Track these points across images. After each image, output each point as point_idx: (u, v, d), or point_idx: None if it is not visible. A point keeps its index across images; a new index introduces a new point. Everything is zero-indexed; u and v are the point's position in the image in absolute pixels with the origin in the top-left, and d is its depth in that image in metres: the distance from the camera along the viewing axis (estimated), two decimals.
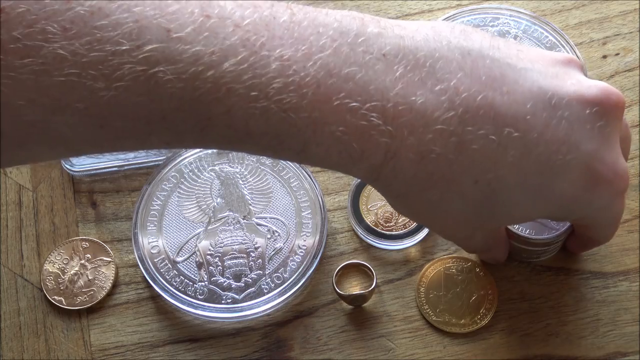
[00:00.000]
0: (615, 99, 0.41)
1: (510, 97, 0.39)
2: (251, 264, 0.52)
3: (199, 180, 0.55)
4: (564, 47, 0.58)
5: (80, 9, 0.32)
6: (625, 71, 0.58)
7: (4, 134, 0.33)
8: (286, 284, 0.51)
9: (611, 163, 0.41)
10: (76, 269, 0.53)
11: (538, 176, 0.40)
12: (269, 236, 0.53)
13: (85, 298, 0.52)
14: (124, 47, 0.32)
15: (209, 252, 0.52)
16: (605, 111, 0.40)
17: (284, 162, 0.55)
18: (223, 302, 0.51)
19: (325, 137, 0.36)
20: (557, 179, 0.40)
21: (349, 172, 0.40)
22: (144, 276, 0.52)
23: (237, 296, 0.51)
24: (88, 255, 0.53)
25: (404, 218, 0.53)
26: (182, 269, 0.52)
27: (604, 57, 0.59)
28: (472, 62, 0.38)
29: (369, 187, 0.54)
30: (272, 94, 0.35)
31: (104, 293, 0.52)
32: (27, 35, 0.31)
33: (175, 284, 0.51)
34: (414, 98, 0.37)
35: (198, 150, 0.55)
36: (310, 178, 0.54)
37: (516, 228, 0.49)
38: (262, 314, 0.51)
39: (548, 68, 0.41)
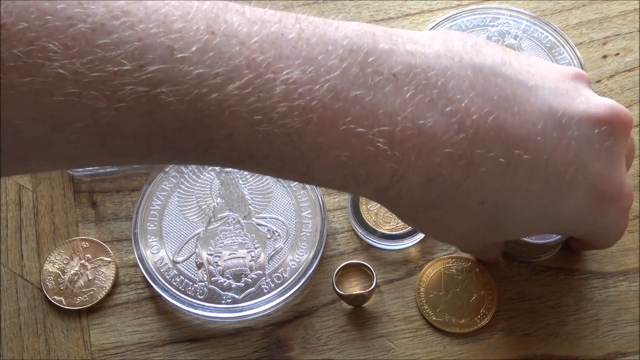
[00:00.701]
0: (624, 117, 0.41)
1: (521, 117, 0.38)
2: (251, 264, 0.52)
3: (199, 180, 0.55)
4: (564, 47, 0.58)
5: (82, 26, 0.31)
6: (625, 71, 0.58)
7: (3, 150, 0.32)
8: (286, 284, 0.51)
9: (617, 183, 0.41)
10: (76, 269, 0.53)
11: (545, 196, 0.40)
12: (269, 236, 0.53)
13: (85, 298, 0.52)
14: (126, 68, 0.31)
15: (209, 252, 0.52)
16: (613, 130, 0.40)
17: None
18: (223, 302, 0.51)
19: (330, 162, 0.36)
20: (564, 199, 0.40)
21: (353, 193, 0.39)
22: (144, 276, 0.52)
23: (237, 296, 0.51)
24: (88, 255, 0.53)
25: None
26: (182, 269, 0.52)
27: (604, 57, 0.59)
28: (484, 80, 0.38)
29: None
30: (276, 118, 0.34)
31: (104, 293, 0.52)
32: (27, 53, 0.30)
33: (175, 284, 0.51)
34: (422, 121, 0.36)
35: None
36: None
37: None
38: (262, 314, 0.51)
39: (558, 84, 0.40)
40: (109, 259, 0.53)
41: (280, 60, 0.34)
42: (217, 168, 0.55)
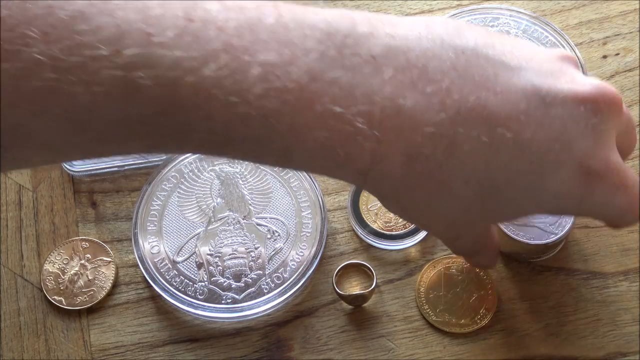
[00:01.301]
0: (610, 95, 0.40)
1: (504, 96, 0.38)
2: (251, 264, 0.52)
3: (199, 180, 0.55)
4: (564, 47, 0.58)
5: (62, 13, 0.32)
6: (625, 71, 0.58)
7: None
8: (286, 284, 0.51)
9: (604, 158, 0.41)
10: (76, 269, 0.53)
11: (530, 175, 0.40)
12: (269, 236, 0.53)
13: (85, 298, 0.52)
14: (103, 53, 0.32)
15: (209, 252, 0.52)
16: (599, 108, 0.40)
17: None
18: (223, 302, 0.51)
19: (308, 143, 0.36)
20: (549, 177, 0.40)
21: (333, 176, 0.39)
22: (144, 276, 0.52)
23: (237, 296, 0.51)
24: (88, 255, 0.53)
25: None
26: (182, 269, 0.52)
27: (604, 57, 0.59)
28: (465, 61, 0.38)
29: None
30: (253, 99, 0.34)
31: (104, 293, 0.52)
32: (6, 40, 0.31)
33: (175, 284, 0.51)
34: (402, 101, 0.36)
35: None
36: (310, 178, 0.54)
37: (515, 233, 0.49)
38: (262, 314, 0.51)
39: (543, 65, 0.40)
40: (109, 259, 0.53)
41: (257, 44, 0.34)
42: (217, 168, 0.55)
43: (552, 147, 0.39)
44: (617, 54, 0.59)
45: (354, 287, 0.52)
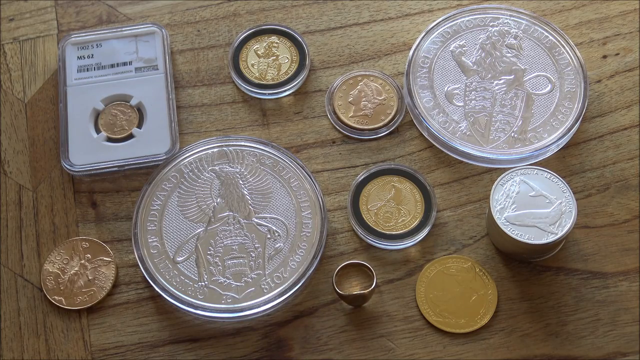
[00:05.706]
0: None
1: None
2: (251, 264, 0.52)
3: (199, 180, 0.55)
4: (564, 47, 0.58)
5: None
6: (625, 71, 0.58)
7: None
8: (286, 284, 0.51)
9: None
10: (76, 269, 0.53)
11: None
12: (269, 236, 0.53)
13: (85, 298, 0.52)
14: None
15: (209, 252, 0.52)
16: None
17: (284, 162, 0.55)
18: (223, 302, 0.51)
19: None
20: None
21: None
22: (144, 276, 0.52)
23: (237, 296, 0.51)
24: (88, 255, 0.53)
25: (404, 218, 0.53)
26: (182, 269, 0.52)
27: (604, 57, 0.59)
28: None
29: (369, 187, 0.54)
30: None
31: (104, 293, 0.52)
32: None
33: (175, 284, 0.51)
34: None
35: (198, 150, 0.55)
36: (311, 178, 0.54)
37: (515, 233, 0.49)
38: (262, 314, 0.51)
39: None
40: (109, 259, 0.53)
41: None
42: (216, 168, 0.55)
43: None
44: (617, 54, 0.59)
45: (354, 287, 0.52)
